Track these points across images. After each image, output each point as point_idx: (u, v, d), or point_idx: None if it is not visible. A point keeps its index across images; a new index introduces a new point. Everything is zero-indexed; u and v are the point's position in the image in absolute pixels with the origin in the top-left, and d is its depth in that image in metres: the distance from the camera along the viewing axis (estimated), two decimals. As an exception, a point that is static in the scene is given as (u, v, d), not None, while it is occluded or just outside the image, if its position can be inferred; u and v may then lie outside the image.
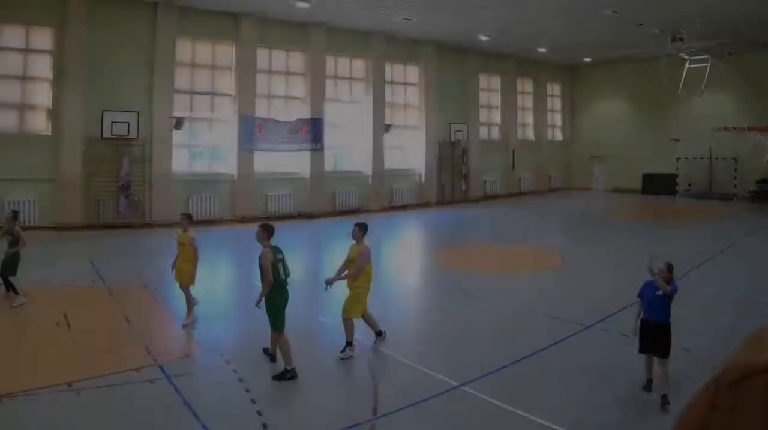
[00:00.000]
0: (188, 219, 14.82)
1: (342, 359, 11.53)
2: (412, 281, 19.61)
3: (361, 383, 10.50)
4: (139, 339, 12.30)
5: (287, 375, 10.45)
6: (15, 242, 14.96)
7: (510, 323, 14.13)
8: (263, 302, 10.78)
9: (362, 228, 12.11)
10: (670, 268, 9.83)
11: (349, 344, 11.65)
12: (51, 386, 9.62)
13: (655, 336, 9.66)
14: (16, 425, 8.54)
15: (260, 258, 10.87)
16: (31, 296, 14.61)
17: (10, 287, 14.61)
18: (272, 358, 11.31)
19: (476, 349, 12.16)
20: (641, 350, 9.97)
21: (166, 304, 15.44)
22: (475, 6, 30.39)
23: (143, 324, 13.48)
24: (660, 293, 9.64)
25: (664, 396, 9.33)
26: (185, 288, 14.03)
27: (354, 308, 11.81)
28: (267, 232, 11.20)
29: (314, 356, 11.65)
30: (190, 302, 14.02)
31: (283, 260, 11.11)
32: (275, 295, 10.77)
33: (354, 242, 12.07)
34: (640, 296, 10.10)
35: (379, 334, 12.32)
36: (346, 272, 11.97)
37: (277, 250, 11.11)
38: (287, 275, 11.15)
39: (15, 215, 15.65)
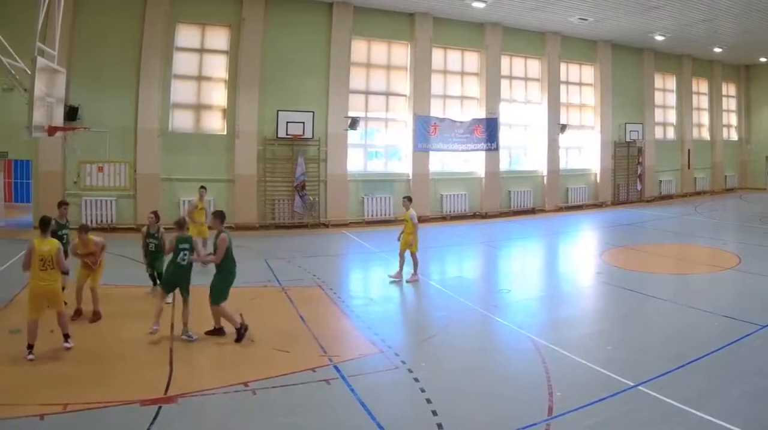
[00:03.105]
0: (409, 201, 15.80)
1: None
2: (586, 281, 16.56)
3: (537, 382, 8.95)
4: (315, 339, 10.88)
5: (242, 332, 10.56)
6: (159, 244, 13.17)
7: (685, 322, 12.23)
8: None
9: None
10: None
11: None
12: (228, 385, 8.62)
13: None
14: (192, 424, 7.56)
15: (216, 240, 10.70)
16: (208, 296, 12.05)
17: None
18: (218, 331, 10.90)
19: (651, 349, 10.49)
20: None
21: (342, 304, 13.44)
22: (648, 6, 25.32)
23: (318, 324, 11.83)
24: None
25: None
26: (412, 254, 15.21)
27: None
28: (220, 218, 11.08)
29: (491, 357, 10.45)
30: (401, 265, 15.28)
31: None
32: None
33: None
34: None
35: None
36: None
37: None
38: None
39: (156, 215, 13.69)
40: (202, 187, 17.79)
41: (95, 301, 11.82)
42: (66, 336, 9.73)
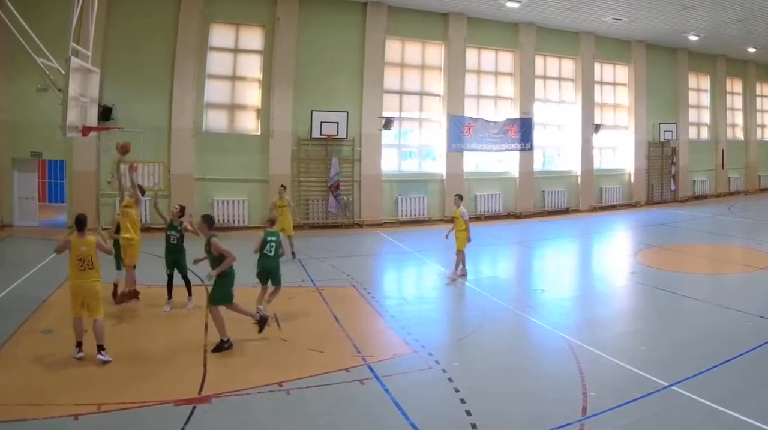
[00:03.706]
0: (459, 199, 15.42)
1: None
2: (620, 281, 15.95)
3: (571, 382, 8.52)
4: (349, 339, 10.54)
5: (225, 346, 9.73)
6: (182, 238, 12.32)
7: (719, 322, 11.71)
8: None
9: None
10: None
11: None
12: (262, 385, 8.32)
13: None
14: (226, 424, 7.28)
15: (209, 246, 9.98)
16: (242, 296, 11.66)
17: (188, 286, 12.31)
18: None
19: (685, 348, 10.08)
20: None
21: (375, 304, 13.04)
22: (682, 5, 24.57)
23: (352, 324, 11.46)
24: None
25: None
26: (460, 251, 14.94)
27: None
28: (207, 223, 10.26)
29: (525, 357, 10.05)
30: (462, 262, 15.01)
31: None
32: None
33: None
34: None
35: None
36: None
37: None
38: None
39: (182, 210, 12.66)
40: (282, 185, 18.13)
41: (133, 281, 11.91)
42: (100, 347, 9.09)
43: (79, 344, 9.12)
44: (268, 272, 11.50)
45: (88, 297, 9.17)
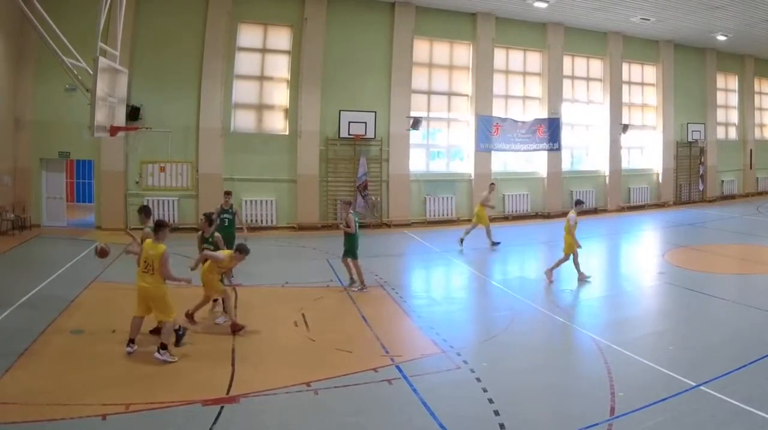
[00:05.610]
0: (580, 205, 15.32)
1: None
2: (648, 281, 15.66)
3: (599, 382, 8.38)
4: (377, 339, 10.39)
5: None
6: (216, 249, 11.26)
7: (748, 323, 11.38)
8: None
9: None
10: None
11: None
12: (289, 386, 8.19)
13: None
14: (254, 424, 7.25)
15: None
16: (270, 296, 12.80)
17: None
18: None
19: (714, 349, 9.80)
20: None
21: (404, 304, 12.84)
22: (710, 5, 23.87)
23: (380, 324, 11.31)
24: None
25: None
26: (573, 256, 14.54)
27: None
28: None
29: (553, 357, 9.81)
30: (577, 266, 14.62)
31: None
32: None
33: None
34: None
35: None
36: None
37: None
38: None
39: (209, 219, 11.76)
40: (492, 183, 20.16)
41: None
42: (160, 346, 9.15)
43: (131, 341, 9.21)
44: (357, 247, 13.43)
45: (152, 300, 9.24)
